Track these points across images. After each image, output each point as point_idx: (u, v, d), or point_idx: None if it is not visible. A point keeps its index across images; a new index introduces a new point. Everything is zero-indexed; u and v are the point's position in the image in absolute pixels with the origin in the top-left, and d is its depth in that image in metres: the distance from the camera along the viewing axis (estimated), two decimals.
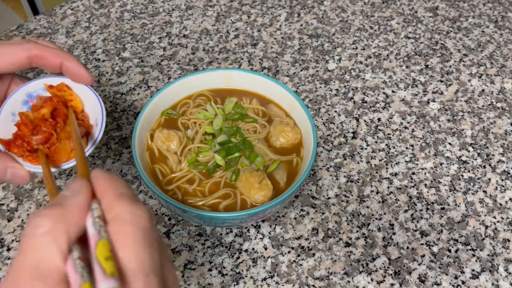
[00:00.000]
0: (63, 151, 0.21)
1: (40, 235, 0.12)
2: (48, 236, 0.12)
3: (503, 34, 0.42)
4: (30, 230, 0.12)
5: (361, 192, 0.30)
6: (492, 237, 0.28)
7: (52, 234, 0.12)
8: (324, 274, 0.26)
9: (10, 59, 0.20)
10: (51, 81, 0.23)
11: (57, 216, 0.12)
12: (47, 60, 0.21)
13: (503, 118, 0.35)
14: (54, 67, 0.21)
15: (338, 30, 0.42)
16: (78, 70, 0.22)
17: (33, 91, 0.22)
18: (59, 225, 0.12)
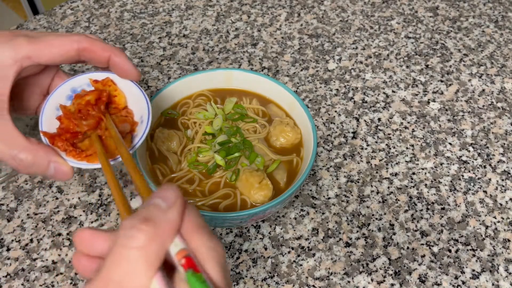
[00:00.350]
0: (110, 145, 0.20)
1: (134, 248, 0.11)
2: (141, 251, 0.11)
3: (503, 34, 0.42)
4: (125, 241, 0.11)
5: (361, 192, 0.30)
6: (493, 237, 0.28)
7: (145, 250, 0.11)
8: (324, 274, 0.26)
9: (59, 50, 0.20)
10: (97, 76, 0.22)
11: (152, 235, 0.12)
12: (96, 54, 0.21)
13: (504, 118, 0.35)
14: (101, 61, 0.21)
15: (338, 30, 0.42)
16: (126, 65, 0.21)
17: (78, 86, 0.22)
18: (153, 244, 0.12)
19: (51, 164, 0.20)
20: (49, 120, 0.21)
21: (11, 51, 0.19)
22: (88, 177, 0.31)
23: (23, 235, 0.28)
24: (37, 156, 0.19)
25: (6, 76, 0.19)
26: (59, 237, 0.27)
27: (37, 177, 0.31)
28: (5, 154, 0.19)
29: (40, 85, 0.22)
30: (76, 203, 0.29)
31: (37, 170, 0.20)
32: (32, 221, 0.28)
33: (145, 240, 0.11)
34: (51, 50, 0.20)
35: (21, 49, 0.19)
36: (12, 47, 0.19)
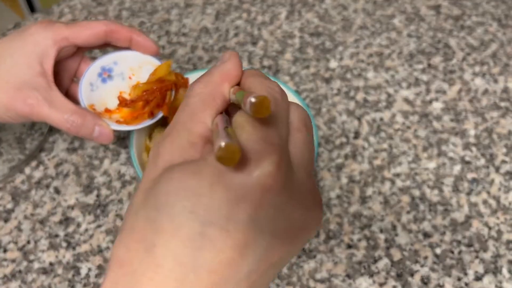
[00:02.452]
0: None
1: (191, 95, 0.13)
2: (197, 96, 0.13)
3: (507, 32, 0.42)
4: (186, 94, 0.14)
5: (363, 193, 0.29)
6: (496, 238, 0.28)
7: (200, 95, 0.13)
8: (325, 276, 0.26)
9: (91, 32, 0.23)
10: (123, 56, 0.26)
11: (206, 82, 0.13)
12: (121, 34, 0.24)
13: (507, 117, 0.35)
14: (124, 41, 0.25)
15: (340, 28, 0.41)
16: (147, 43, 0.25)
17: (106, 65, 0.26)
18: (207, 88, 0.13)
19: (96, 127, 0.23)
20: (86, 94, 0.25)
21: (52, 33, 0.23)
22: (86, 178, 0.30)
23: (20, 236, 0.27)
24: (85, 119, 0.23)
25: (48, 55, 0.23)
26: (56, 239, 0.27)
27: (34, 178, 0.30)
28: (59, 119, 0.22)
29: (69, 70, 0.26)
30: (74, 204, 0.29)
31: (85, 132, 0.23)
32: (29, 222, 0.28)
33: (200, 87, 0.13)
34: (84, 32, 0.23)
35: (60, 32, 0.23)
36: (52, 30, 0.23)
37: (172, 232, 0.11)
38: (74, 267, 0.26)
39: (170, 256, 0.10)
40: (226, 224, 0.10)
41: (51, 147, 0.32)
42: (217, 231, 0.10)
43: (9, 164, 0.30)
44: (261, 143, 0.11)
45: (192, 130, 0.12)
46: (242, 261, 0.11)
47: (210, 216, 0.10)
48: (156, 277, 0.10)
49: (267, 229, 0.11)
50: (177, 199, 0.11)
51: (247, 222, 0.11)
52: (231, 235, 0.10)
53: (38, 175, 0.30)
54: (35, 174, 0.30)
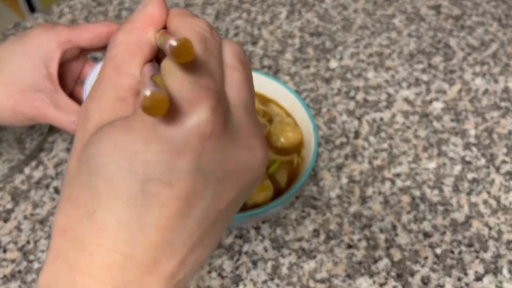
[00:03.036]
0: None
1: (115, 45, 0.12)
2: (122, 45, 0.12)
3: (507, 32, 0.42)
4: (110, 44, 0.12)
5: (363, 193, 0.29)
6: (496, 238, 0.27)
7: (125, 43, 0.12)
8: (325, 276, 0.26)
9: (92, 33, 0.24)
10: None
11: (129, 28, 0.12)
12: None
13: (507, 117, 0.35)
14: None
15: (340, 28, 0.41)
16: None
17: None
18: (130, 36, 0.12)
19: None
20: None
21: (54, 35, 0.23)
22: None
23: (20, 237, 0.27)
24: None
25: (53, 58, 0.23)
26: None
27: (34, 178, 0.30)
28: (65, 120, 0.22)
29: (73, 72, 0.26)
30: None
31: None
32: (29, 222, 0.28)
33: (122, 36, 0.12)
34: (87, 33, 0.24)
35: (62, 34, 0.23)
36: (55, 33, 0.23)
37: (111, 195, 0.10)
38: None
39: (113, 219, 0.10)
40: (168, 177, 0.10)
41: (51, 147, 0.32)
42: (160, 186, 0.10)
43: (9, 164, 0.30)
44: (193, 88, 0.10)
45: (120, 84, 0.11)
46: (190, 211, 0.10)
47: (149, 172, 0.10)
48: (102, 241, 0.10)
49: (211, 175, 0.10)
50: (111, 159, 0.10)
51: (190, 172, 0.10)
52: (175, 187, 0.10)
53: (37, 175, 0.30)
54: (34, 174, 0.30)
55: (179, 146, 0.10)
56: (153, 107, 0.09)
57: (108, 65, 0.12)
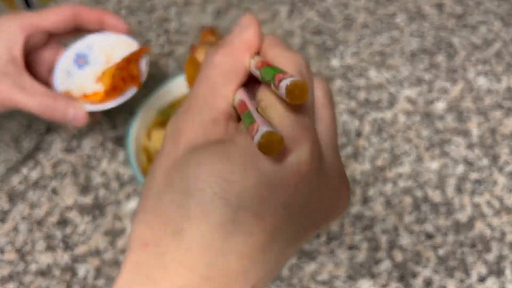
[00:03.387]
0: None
1: (211, 67, 0.12)
2: (217, 68, 0.12)
3: (510, 31, 0.41)
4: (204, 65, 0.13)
5: (365, 194, 0.29)
6: (499, 239, 0.27)
7: (220, 67, 0.12)
8: (326, 278, 0.25)
9: (57, 16, 0.23)
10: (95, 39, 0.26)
11: (226, 52, 0.12)
12: (89, 16, 0.24)
13: (510, 117, 0.34)
14: (94, 23, 0.25)
15: (341, 27, 0.41)
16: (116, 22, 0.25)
17: (80, 51, 0.26)
18: (227, 60, 0.12)
19: (70, 109, 0.23)
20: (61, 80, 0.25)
21: (17, 20, 0.23)
22: (84, 178, 0.30)
23: (17, 238, 0.27)
24: (57, 101, 0.23)
25: (16, 41, 0.23)
26: (54, 240, 0.27)
27: (32, 178, 0.30)
28: (32, 103, 0.22)
29: (46, 61, 0.26)
30: (71, 205, 0.28)
31: (59, 115, 0.23)
32: (26, 223, 0.28)
33: (220, 57, 0.12)
34: (51, 16, 0.23)
35: (25, 19, 0.23)
36: (18, 18, 0.23)
37: (201, 218, 0.10)
38: (72, 269, 0.26)
39: (199, 241, 0.10)
40: (259, 209, 0.10)
41: (49, 147, 0.32)
42: (249, 216, 0.10)
43: (6, 164, 0.30)
44: (295, 127, 0.11)
45: (214, 106, 0.12)
46: (272, 245, 0.11)
47: (242, 202, 0.10)
48: (185, 261, 0.10)
49: (298, 213, 0.11)
50: (207, 185, 0.10)
51: (281, 208, 0.10)
52: (263, 219, 0.10)
53: (35, 176, 0.30)
54: (32, 175, 0.30)
55: (274, 181, 0.10)
56: (270, 147, 0.09)
57: (204, 85, 0.12)
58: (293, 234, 0.11)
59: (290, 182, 0.10)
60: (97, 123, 0.33)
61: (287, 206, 0.11)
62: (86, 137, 0.32)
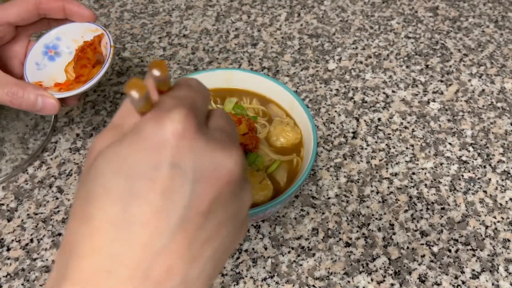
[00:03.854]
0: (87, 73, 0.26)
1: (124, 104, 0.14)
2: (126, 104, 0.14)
3: (503, 34, 0.42)
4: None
5: (361, 192, 0.30)
6: (492, 237, 0.28)
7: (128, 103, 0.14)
8: (324, 274, 0.26)
9: (20, 7, 0.23)
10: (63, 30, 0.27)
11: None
12: (51, 4, 0.24)
13: (503, 118, 0.35)
14: (57, 11, 0.25)
15: (338, 30, 0.42)
16: (80, 10, 0.25)
17: (49, 42, 0.26)
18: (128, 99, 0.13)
19: (39, 98, 0.23)
20: (31, 73, 0.25)
21: None
22: None
23: (23, 235, 0.28)
24: (26, 90, 0.23)
25: None
26: (59, 237, 0.27)
27: (37, 177, 0.31)
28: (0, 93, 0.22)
29: (17, 55, 0.26)
30: None
31: (28, 103, 0.23)
32: (32, 221, 0.28)
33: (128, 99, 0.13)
34: (13, 8, 0.23)
35: None
36: None
37: (102, 196, 0.11)
38: None
39: (103, 219, 0.11)
40: (150, 174, 0.11)
41: (54, 147, 0.32)
42: (142, 183, 0.11)
43: (12, 164, 0.31)
44: (173, 98, 0.12)
45: (124, 124, 0.13)
46: (169, 208, 0.11)
47: (134, 170, 0.11)
48: (92, 243, 0.10)
49: (187, 172, 0.11)
50: (105, 165, 0.11)
51: (167, 168, 0.11)
52: (154, 183, 0.11)
53: (41, 175, 0.31)
54: (38, 174, 0.31)
55: (157, 144, 0.11)
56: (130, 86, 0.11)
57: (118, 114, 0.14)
58: (189, 193, 0.11)
59: (169, 141, 0.11)
60: (101, 124, 0.34)
61: (172, 165, 0.11)
62: (90, 137, 0.33)
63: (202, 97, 0.14)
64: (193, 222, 0.11)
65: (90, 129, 0.34)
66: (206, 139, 0.12)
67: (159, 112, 0.12)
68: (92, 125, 0.34)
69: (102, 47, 0.26)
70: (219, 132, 0.13)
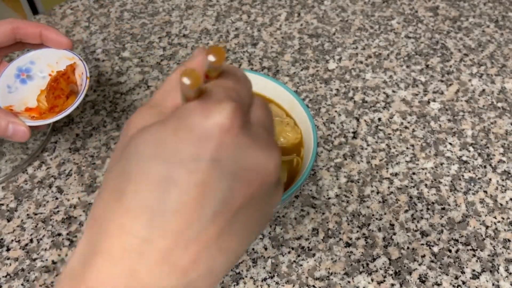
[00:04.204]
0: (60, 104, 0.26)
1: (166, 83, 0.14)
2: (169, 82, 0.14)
3: (504, 34, 0.42)
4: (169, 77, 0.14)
5: (362, 192, 0.30)
6: (493, 237, 0.28)
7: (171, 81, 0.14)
8: (324, 274, 0.26)
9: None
10: (38, 54, 0.26)
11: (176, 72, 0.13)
12: (28, 29, 0.24)
13: (504, 118, 0.35)
14: (34, 37, 0.25)
15: (339, 29, 0.42)
16: (57, 37, 0.25)
17: (22, 65, 0.26)
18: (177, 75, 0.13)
19: (10, 125, 0.23)
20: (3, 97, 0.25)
21: None
22: (88, 177, 0.31)
23: (23, 235, 0.28)
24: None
25: None
26: (59, 237, 0.27)
27: (37, 177, 0.31)
28: None
29: None
30: (76, 203, 0.29)
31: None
32: (32, 221, 0.28)
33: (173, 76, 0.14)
34: None
35: None
36: None
37: (139, 178, 0.11)
38: None
39: (138, 201, 0.11)
40: (189, 164, 0.11)
41: (54, 147, 0.32)
42: (182, 172, 0.11)
43: (12, 164, 0.31)
44: (223, 89, 0.12)
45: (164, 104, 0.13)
46: (205, 201, 0.11)
47: (174, 158, 0.11)
48: (124, 223, 0.10)
49: (227, 168, 0.11)
50: (144, 147, 0.11)
51: (209, 161, 0.11)
52: (194, 174, 0.11)
53: (40, 175, 0.31)
54: (37, 174, 0.31)
55: (200, 135, 0.11)
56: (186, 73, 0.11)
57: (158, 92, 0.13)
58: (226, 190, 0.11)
59: (214, 134, 0.11)
60: (101, 124, 0.34)
61: (214, 159, 0.11)
62: (90, 137, 0.33)
63: (247, 90, 0.13)
64: (225, 217, 0.11)
65: (90, 129, 0.34)
66: (250, 137, 0.12)
67: (208, 102, 0.11)
68: (91, 125, 0.34)
69: (77, 76, 0.26)
70: (261, 129, 0.13)
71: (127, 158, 0.11)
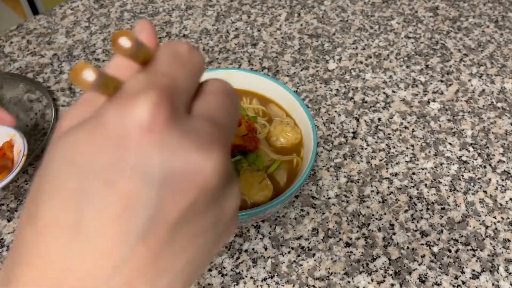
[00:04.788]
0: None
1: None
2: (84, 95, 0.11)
3: (503, 34, 0.42)
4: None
5: (361, 192, 0.30)
6: (493, 237, 0.28)
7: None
8: (324, 274, 0.26)
9: None
10: None
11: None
12: None
13: (504, 118, 0.35)
14: None
15: (338, 30, 0.42)
16: (2, 115, 0.26)
17: None
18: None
19: None
20: None
21: None
22: None
23: None
24: None
25: None
26: None
27: None
28: None
29: None
30: None
31: None
32: None
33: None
34: None
35: None
36: None
37: (53, 193, 0.09)
38: None
39: (53, 222, 0.09)
40: (106, 174, 0.09)
41: None
42: (97, 185, 0.09)
43: None
44: (145, 77, 0.10)
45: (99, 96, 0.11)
46: (128, 217, 0.09)
47: (90, 166, 0.09)
48: (40, 249, 0.09)
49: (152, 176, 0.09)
50: (59, 156, 0.09)
51: (128, 170, 0.09)
52: (113, 186, 0.09)
53: None
54: None
55: (118, 136, 0.09)
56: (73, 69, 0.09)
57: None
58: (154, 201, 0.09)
59: (134, 134, 0.09)
60: None
61: (137, 166, 0.09)
62: None
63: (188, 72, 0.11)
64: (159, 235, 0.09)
65: None
66: (182, 133, 0.09)
67: (123, 96, 0.09)
68: None
69: (15, 153, 0.27)
70: (204, 123, 0.10)
71: (41, 170, 0.10)
